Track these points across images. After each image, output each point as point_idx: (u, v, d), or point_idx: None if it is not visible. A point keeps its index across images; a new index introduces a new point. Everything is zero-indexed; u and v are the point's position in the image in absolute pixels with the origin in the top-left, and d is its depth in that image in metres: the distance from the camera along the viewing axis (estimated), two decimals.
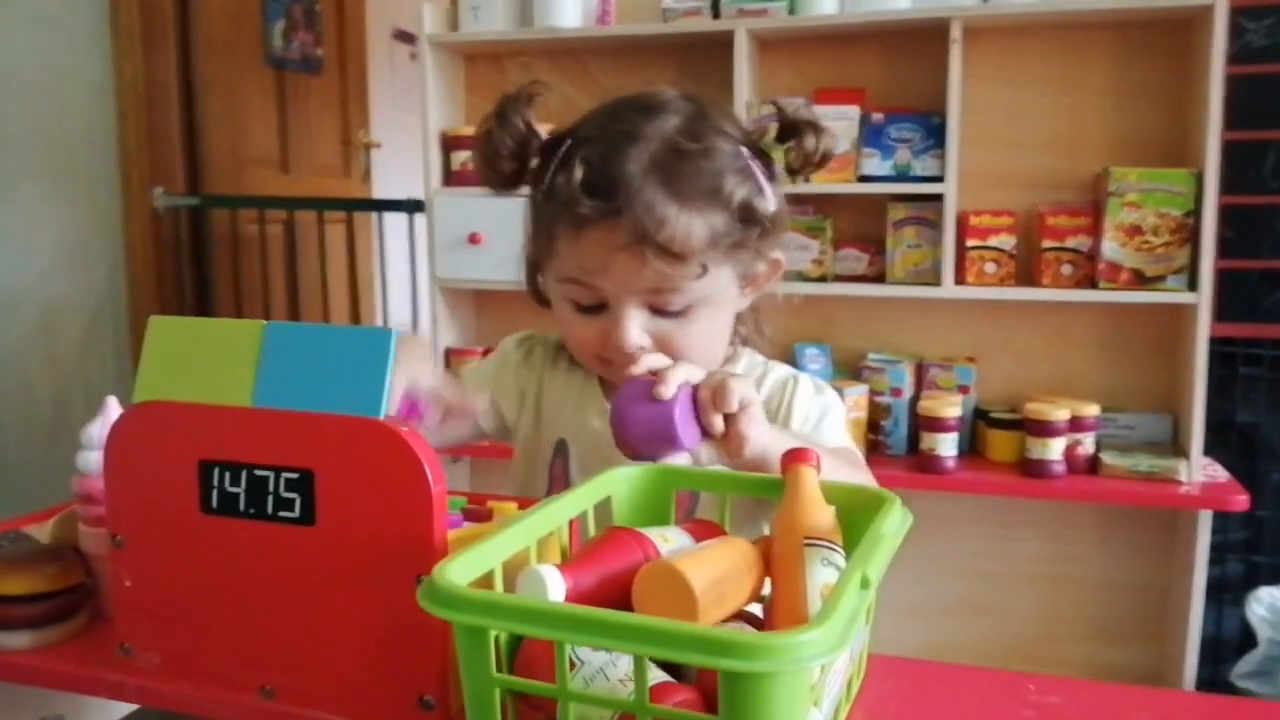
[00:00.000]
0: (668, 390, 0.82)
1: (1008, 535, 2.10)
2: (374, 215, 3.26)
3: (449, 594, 0.60)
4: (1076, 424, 1.88)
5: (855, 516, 0.79)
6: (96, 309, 3.15)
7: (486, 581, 0.67)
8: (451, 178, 2.16)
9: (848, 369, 2.08)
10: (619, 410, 0.85)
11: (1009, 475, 1.90)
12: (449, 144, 2.17)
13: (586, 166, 0.91)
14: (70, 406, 3.05)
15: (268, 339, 0.76)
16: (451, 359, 2.23)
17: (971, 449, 2.02)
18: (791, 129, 0.98)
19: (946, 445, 1.87)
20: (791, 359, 2.06)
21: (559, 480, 1.07)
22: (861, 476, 0.96)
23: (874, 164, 1.99)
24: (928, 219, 1.99)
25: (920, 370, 2.05)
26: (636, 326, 0.94)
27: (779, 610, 0.72)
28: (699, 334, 0.96)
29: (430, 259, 2.20)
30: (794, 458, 0.80)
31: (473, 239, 2.11)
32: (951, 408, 1.88)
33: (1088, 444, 1.90)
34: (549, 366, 1.12)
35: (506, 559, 0.69)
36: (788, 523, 0.75)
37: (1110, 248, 1.88)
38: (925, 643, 2.14)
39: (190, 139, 3.26)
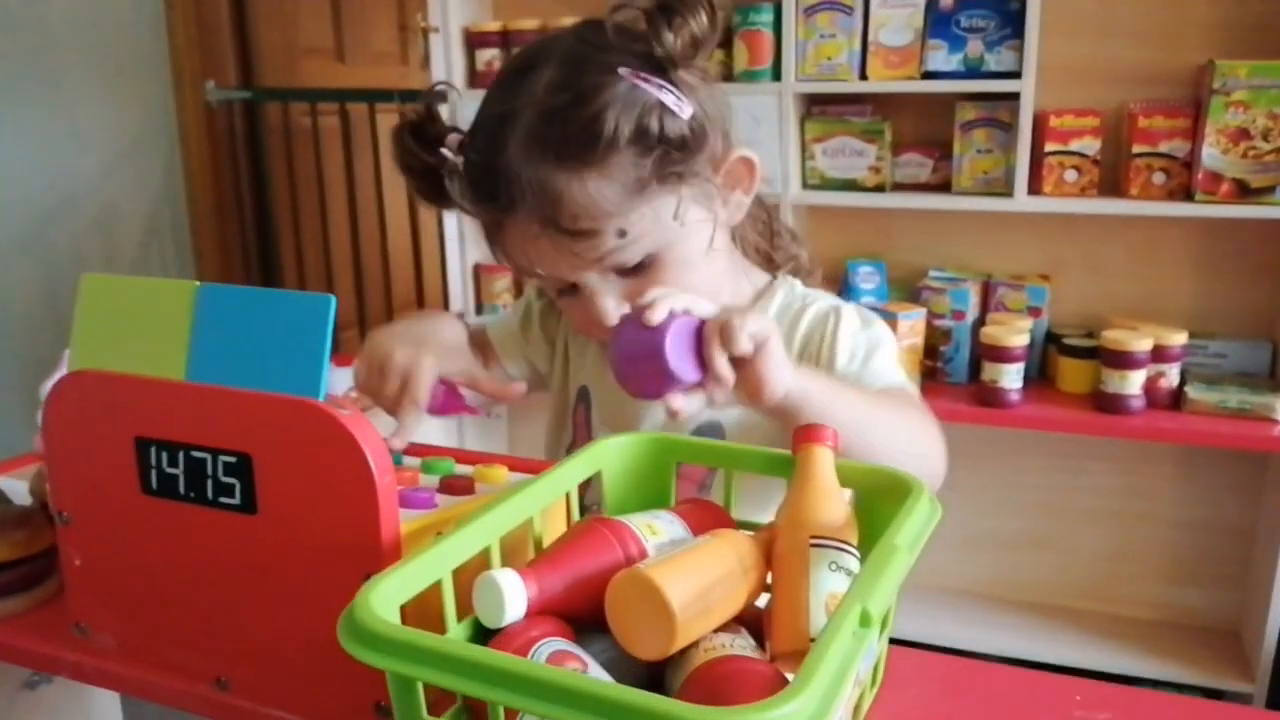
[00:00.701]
0: (655, 315, 0.73)
1: (1077, 468, 1.95)
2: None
3: (371, 632, 0.53)
4: (1160, 354, 1.69)
5: (875, 502, 0.71)
6: (154, 207, 3.14)
7: (435, 595, 0.61)
8: (476, 79, 2.02)
9: (905, 289, 1.91)
10: (613, 340, 0.78)
11: (1080, 409, 1.73)
12: (473, 41, 2.01)
13: (470, 171, 0.85)
14: None
15: (200, 301, 0.72)
16: (481, 275, 2.12)
17: (1040, 375, 1.86)
18: (651, 19, 0.83)
19: (1010, 377, 1.71)
20: (843, 276, 1.91)
21: (581, 428, 1.03)
22: (916, 421, 0.89)
23: (940, 58, 1.77)
24: (1001, 120, 1.78)
25: (986, 290, 1.87)
26: (611, 299, 0.88)
27: (777, 623, 0.63)
28: (675, 281, 0.87)
29: None
30: (806, 435, 0.71)
31: None
32: (1018, 335, 1.70)
33: (1171, 376, 1.71)
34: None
35: (462, 564, 0.62)
36: (793, 516, 0.67)
37: (1210, 154, 1.65)
38: (984, 576, 2.02)
39: (241, 29, 3.19)
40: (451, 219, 2.12)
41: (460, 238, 2.13)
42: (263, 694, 0.73)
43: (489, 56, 1.97)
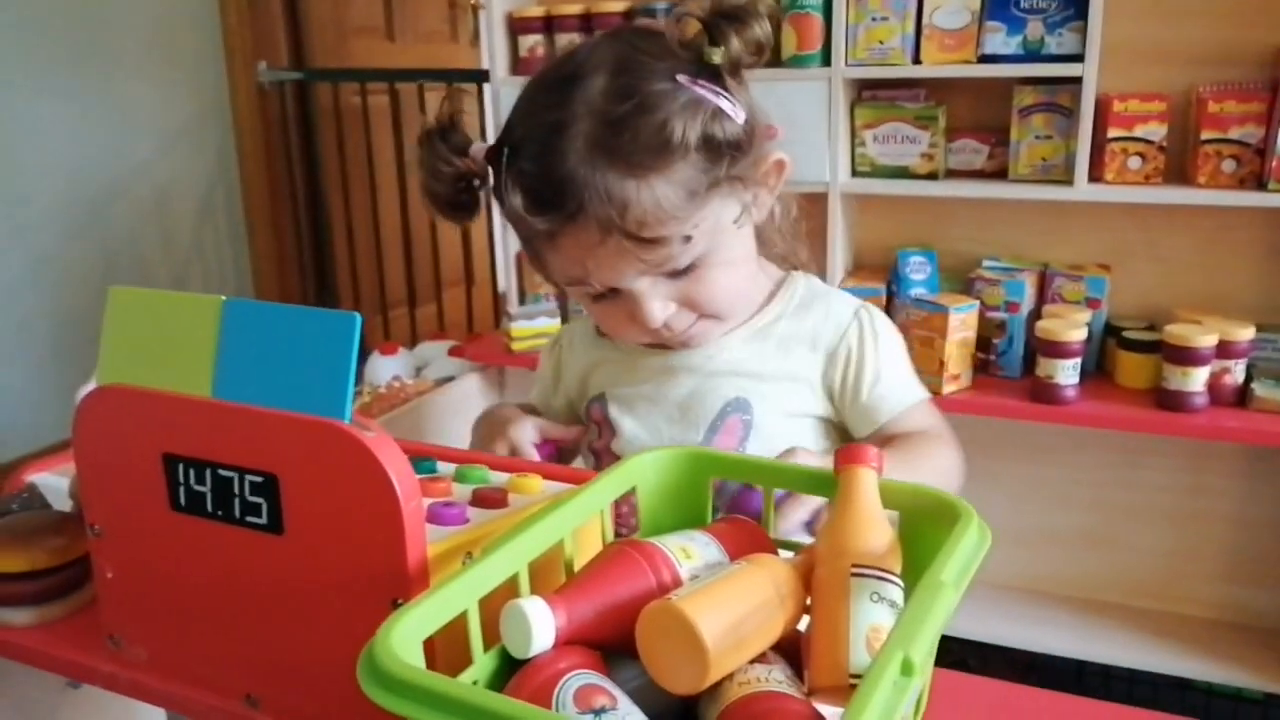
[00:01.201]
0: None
1: (1134, 463, 1.88)
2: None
3: (390, 676, 0.52)
4: (1225, 349, 1.62)
5: (921, 525, 0.68)
6: (209, 188, 3.18)
7: (461, 628, 0.60)
8: (519, 65, 1.98)
9: (957, 279, 1.85)
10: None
11: (1139, 406, 1.66)
12: (515, 27, 1.98)
13: (526, 181, 0.84)
14: (189, 282, 3.12)
15: (227, 317, 0.72)
16: (524, 264, 2.10)
17: (1098, 369, 1.79)
18: (713, 29, 0.85)
19: (1066, 373, 1.65)
20: (893, 266, 1.86)
21: (604, 425, 1.03)
22: (944, 467, 0.95)
23: (998, 40, 1.70)
24: (1061, 105, 1.72)
25: (1043, 280, 1.81)
26: (658, 302, 0.90)
27: (816, 656, 0.61)
28: (719, 281, 0.91)
29: None
30: (849, 456, 0.69)
31: None
32: (1075, 330, 1.64)
33: (1237, 372, 1.64)
34: (590, 343, 1.07)
35: (489, 592, 0.61)
36: (834, 543, 0.64)
37: None
38: (1038, 573, 1.98)
39: (292, 9, 3.20)
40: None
41: (504, 225, 2.11)
42: (292, 713, 0.73)
43: (531, 43, 1.94)
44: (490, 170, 0.90)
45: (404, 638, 0.55)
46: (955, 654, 1.13)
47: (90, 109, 2.83)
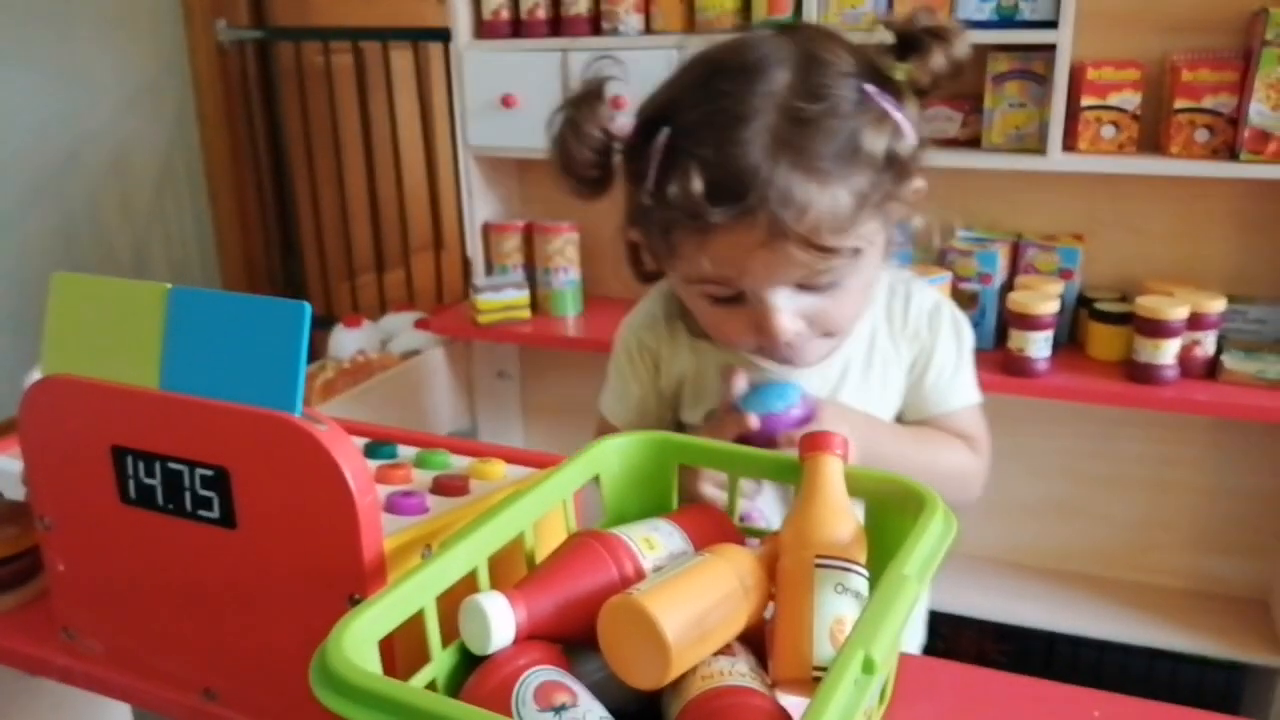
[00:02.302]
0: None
1: (1106, 435, 1.89)
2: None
3: (342, 681, 0.51)
4: (1196, 321, 1.62)
5: (887, 513, 0.68)
6: (168, 151, 3.11)
7: (419, 625, 0.58)
8: (483, 28, 1.93)
9: (930, 250, 1.83)
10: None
11: (1110, 379, 1.66)
12: None
13: (704, 169, 0.79)
14: (150, 248, 3.05)
15: (172, 305, 0.70)
16: (491, 234, 2.06)
17: (1070, 341, 1.79)
18: (913, 43, 0.86)
19: (1038, 345, 1.64)
20: None
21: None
22: (960, 471, 1.00)
23: (972, 5, 1.67)
24: (1035, 73, 1.70)
25: (1016, 251, 1.79)
26: (789, 315, 0.87)
27: (779, 648, 0.61)
28: (850, 302, 0.90)
29: (461, 125, 2.00)
30: (814, 444, 0.68)
31: (506, 101, 1.89)
32: (1046, 302, 1.64)
33: (1207, 344, 1.64)
34: (687, 346, 1.02)
35: (446, 590, 0.59)
36: (798, 533, 0.64)
37: (1259, 110, 1.56)
38: (1010, 544, 1.99)
39: None
40: (464, 162, 2.05)
41: (469, 194, 2.07)
42: (250, 706, 0.72)
43: (496, 5, 1.89)
44: (632, 149, 0.86)
45: (357, 640, 0.54)
46: (927, 624, 1.14)
47: (43, 71, 2.74)
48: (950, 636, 1.93)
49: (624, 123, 0.87)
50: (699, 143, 0.80)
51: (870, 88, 0.83)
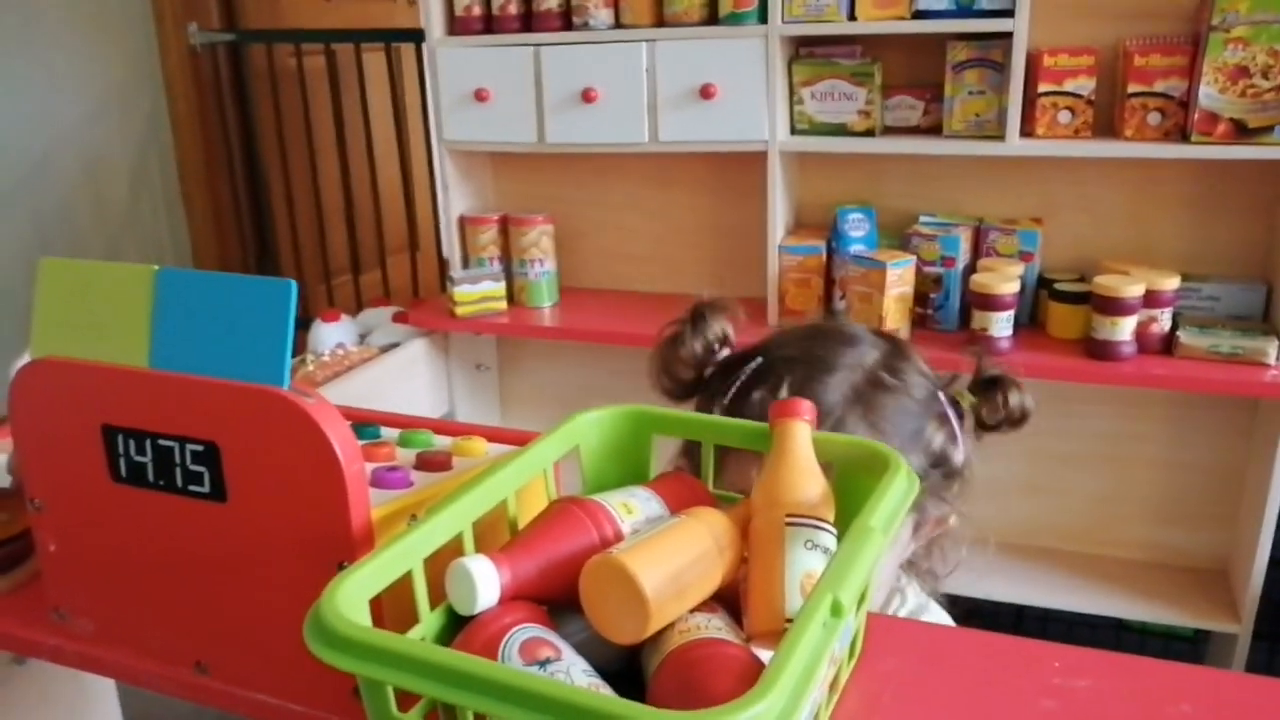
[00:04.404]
0: None
1: (1068, 412, 1.94)
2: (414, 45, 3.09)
3: (336, 634, 0.53)
4: (1152, 298, 1.67)
5: (854, 475, 0.71)
6: (140, 155, 3.10)
7: (407, 588, 0.60)
8: (455, 25, 1.95)
9: (895, 235, 1.88)
10: None
11: (1070, 356, 1.71)
12: None
13: (790, 388, 0.88)
14: (124, 252, 3.05)
15: (160, 286, 0.70)
16: (466, 227, 2.09)
17: (1031, 321, 1.84)
18: (989, 383, 0.94)
19: (1000, 325, 1.69)
20: (832, 224, 1.88)
21: None
22: None
23: None
24: (993, 60, 1.74)
25: (978, 235, 1.84)
26: None
27: (753, 603, 0.63)
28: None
29: (435, 120, 2.02)
30: (782, 410, 0.71)
31: (479, 96, 1.92)
32: (1007, 283, 1.68)
33: (1163, 320, 1.69)
34: None
35: (434, 552, 0.62)
36: (769, 494, 0.66)
37: (1208, 93, 1.61)
38: (974, 521, 2.02)
39: None
40: (439, 157, 2.07)
41: (445, 188, 2.09)
42: (242, 678, 0.74)
43: (468, 1, 1.91)
44: (725, 366, 0.93)
45: (349, 597, 0.56)
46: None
47: (12, 74, 2.74)
48: None
49: (724, 349, 0.94)
50: (789, 370, 0.89)
51: (943, 396, 0.92)
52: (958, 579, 1.92)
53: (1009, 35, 1.67)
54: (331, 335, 2.08)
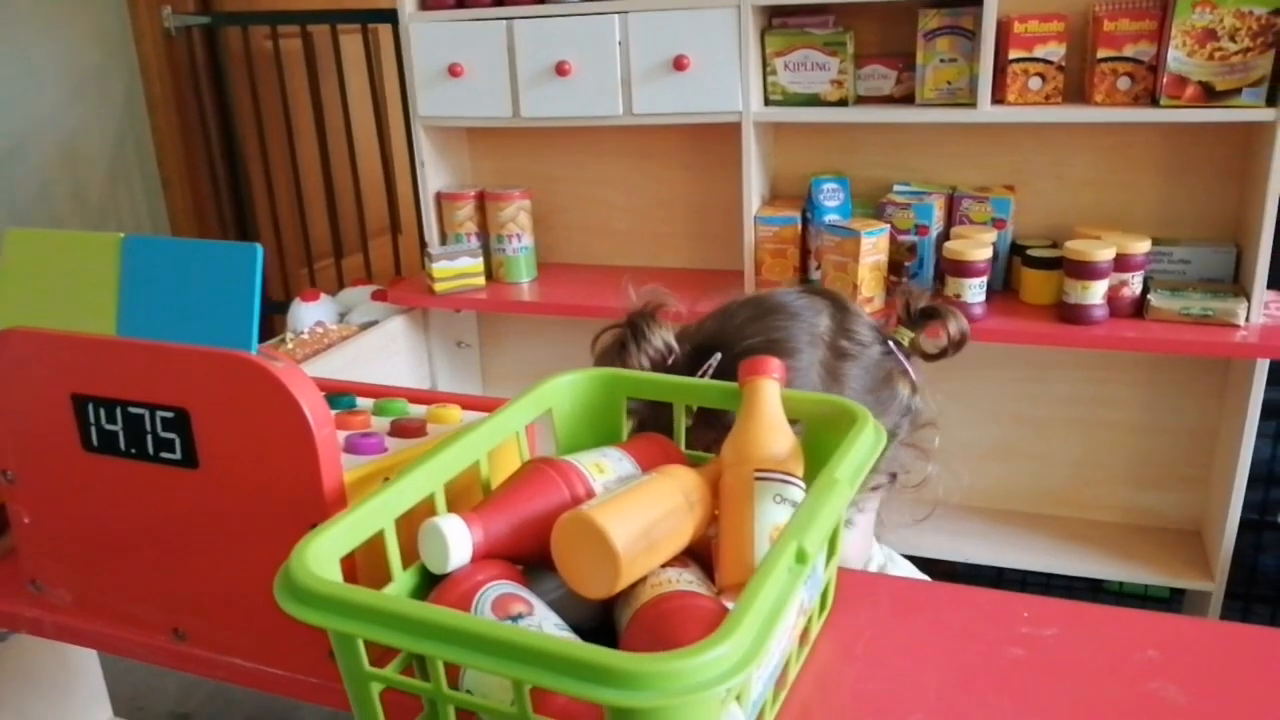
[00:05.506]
0: None
1: (1044, 377, 1.96)
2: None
3: (305, 590, 0.53)
4: (1123, 262, 1.69)
5: (822, 431, 0.72)
6: (118, 140, 3.08)
7: (379, 548, 0.61)
8: (428, 1, 1.95)
9: (869, 204, 1.89)
10: None
11: (1043, 321, 1.73)
12: None
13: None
14: None
15: (127, 253, 0.71)
16: (444, 204, 2.09)
17: (1005, 287, 1.85)
18: (926, 314, 0.95)
19: (973, 291, 1.71)
20: (807, 194, 1.89)
21: None
22: None
23: None
24: (964, 28, 1.75)
25: (951, 203, 1.85)
26: None
27: (724, 556, 0.64)
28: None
29: (411, 96, 2.02)
30: (751, 369, 0.71)
31: (453, 71, 1.92)
32: (980, 249, 1.70)
33: (1135, 284, 1.71)
34: None
35: (405, 511, 0.62)
36: (738, 450, 0.67)
37: (1176, 57, 1.62)
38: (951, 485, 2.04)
39: None
40: (416, 133, 2.07)
41: (421, 164, 2.09)
42: (219, 643, 0.74)
43: None
44: (689, 370, 0.91)
45: (319, 554, 0.56)
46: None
47: None
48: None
49: (676, 348, 0.93)
50: (747, 351, 0.88)
51: (892, 344, 0.94)
52: (937, 542, 1.94)
53: (979, 2, 1.68)
54: (311, 314, 2.08)
